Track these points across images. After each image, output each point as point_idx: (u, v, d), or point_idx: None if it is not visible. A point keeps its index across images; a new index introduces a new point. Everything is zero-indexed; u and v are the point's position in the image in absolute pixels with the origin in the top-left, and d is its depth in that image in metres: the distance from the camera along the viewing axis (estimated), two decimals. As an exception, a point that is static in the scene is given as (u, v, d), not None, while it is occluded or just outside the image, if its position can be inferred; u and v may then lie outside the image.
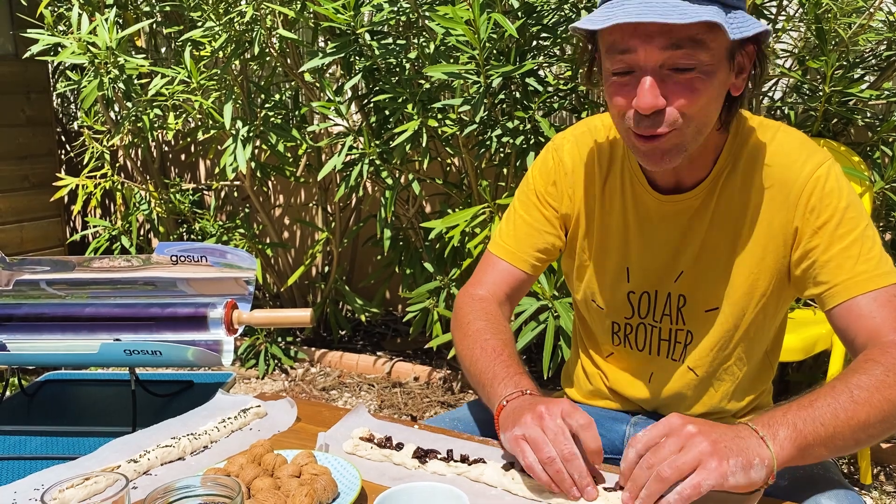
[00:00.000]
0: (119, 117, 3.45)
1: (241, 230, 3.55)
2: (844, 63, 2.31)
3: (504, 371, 1.15)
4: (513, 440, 1.01)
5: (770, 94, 2.68)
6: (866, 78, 2.47)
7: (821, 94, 2.29)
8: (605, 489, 1.01)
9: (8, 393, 1.56)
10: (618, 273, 1.29)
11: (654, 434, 0.93)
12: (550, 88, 2.60)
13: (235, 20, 2.84)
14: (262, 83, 3.26)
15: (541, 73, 2.75)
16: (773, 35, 2.43)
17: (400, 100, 2.64)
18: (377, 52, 2.66)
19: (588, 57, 1.19)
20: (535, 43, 2.68)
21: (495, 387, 1.13)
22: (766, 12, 2.48)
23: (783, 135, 1.20)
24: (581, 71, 2.65)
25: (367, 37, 2.65)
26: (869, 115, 2.52)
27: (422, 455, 1.10)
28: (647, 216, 1.25)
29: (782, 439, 0.92)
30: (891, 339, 1.06)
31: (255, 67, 3.36)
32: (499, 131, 2.56)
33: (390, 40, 2.73)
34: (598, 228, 1.30)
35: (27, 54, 3.10)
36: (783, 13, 2.51)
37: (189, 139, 3.56)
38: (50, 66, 4.21)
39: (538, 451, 0.98)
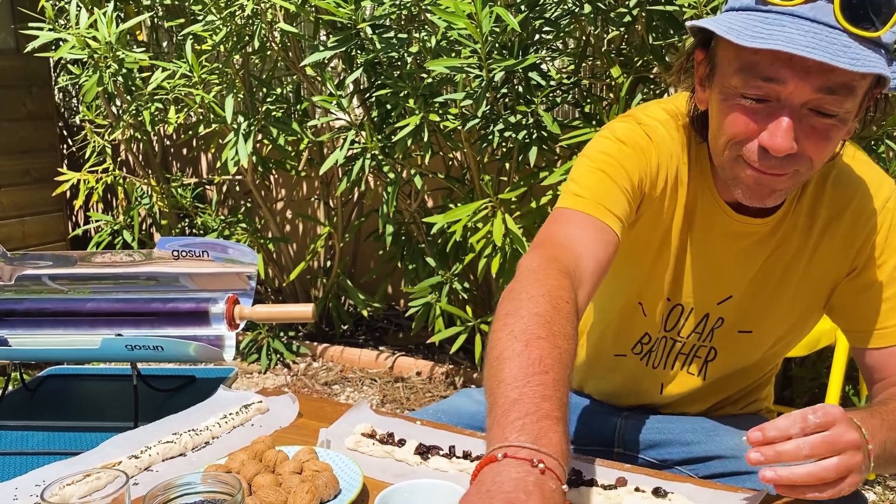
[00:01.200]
0: (120, 111, 3.45)
1: (243, 224, 3.55)
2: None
3: (532, 403, 0.76)
4: None
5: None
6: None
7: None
8: (604, 486, 1.00)
9: (10, 388, 1.56)
10: (667, 279, 1.18)
11: (820, 423, 0.85)
12: (553, 82, 2.58)
13: (236, 14, 2.83)
14: (264, 77, 3.25)
15: (543, 67, 2.73)
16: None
17: (402, 94, 2.63)
18: (379, 46, 2.65)
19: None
20: (537, 37, 2.67)
21: (507, 419, 0.75)
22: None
23: (850, 157, 1.13)
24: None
25: (369, 31, 2.64)
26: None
27: (424, 451, 1.10)
28: (711, 229, 1.15)
29: (873, 458, 0.89)
30: None
31: (256, 61, 3.35)
32: (501, 126, 2.54)
33: (392, 34, 2.72)
34: (666, 228, 1.16)
35: (28, 49, 3.10)
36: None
37: (190, 133, 3.55)
38: (51, 60, 4.20)
39: None
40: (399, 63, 2.75)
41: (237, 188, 4.07)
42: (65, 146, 4.78)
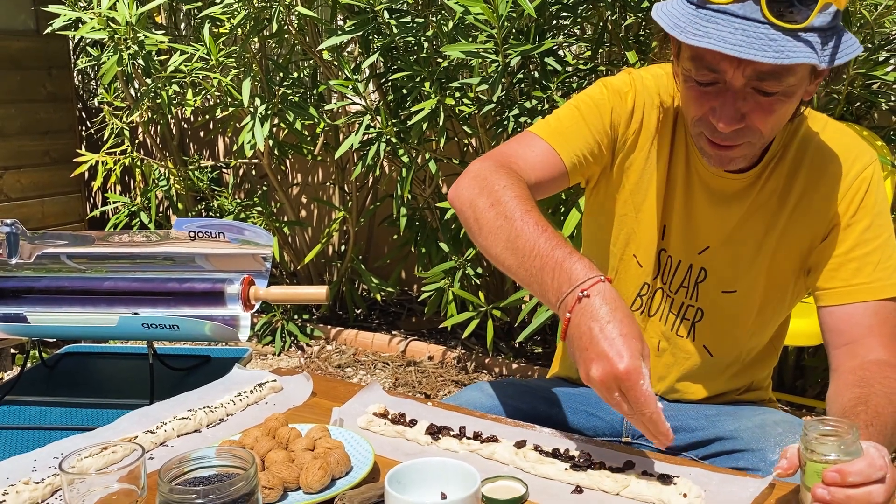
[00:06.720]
0: (138, 94, 3.47)
1: (259, 208, 3.57)
2: (869, 45, 2.28)
3: (563, 252, 0.99)
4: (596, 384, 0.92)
5: (792, 76, 2.64)
6: (891, 61, 2.43)
7: (844, 76, 2.25)
8: (612, 469, 1.01)
9: (29, 364, 1.59)
10: (655, 229, 1.27)
11: (868, 473, 0.85)
12: (569, 68, 2.57)
13: (254, -3, 2.84)
14: (281, 61, 3.26)
15: (560, 52, 2.72)
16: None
17: (418, 78, 2.63)
18: (395, 31, 2.65)
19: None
20: (554, 22, 2.66)
21: (561, 270, 0.97)
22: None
23: (833, 127, 1.22)
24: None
25: (386, 15, 2.64)
26: (893, 98, 2.48)
27: (434, 432, 1.11)
28: (692, 182, 1.24)
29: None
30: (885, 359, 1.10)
31: (273, 45, 3.36)
32: (516, 111, 2.54)
33: (409, 18, 2.72)
34: (649, 176, 1.26)
35: (48, 30, 3.12)
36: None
37: (207, 116, 3.57)
38: (71, 41, 4.22)
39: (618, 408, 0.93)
40: (415, 47, 2.75)
41: (253, 172, 4.09)
42: (83, 128, 4.81)
